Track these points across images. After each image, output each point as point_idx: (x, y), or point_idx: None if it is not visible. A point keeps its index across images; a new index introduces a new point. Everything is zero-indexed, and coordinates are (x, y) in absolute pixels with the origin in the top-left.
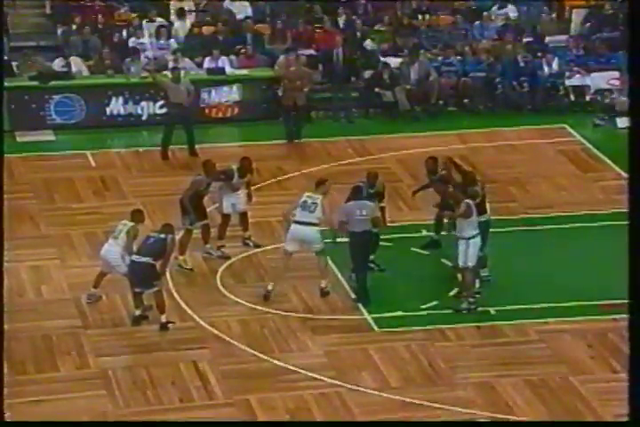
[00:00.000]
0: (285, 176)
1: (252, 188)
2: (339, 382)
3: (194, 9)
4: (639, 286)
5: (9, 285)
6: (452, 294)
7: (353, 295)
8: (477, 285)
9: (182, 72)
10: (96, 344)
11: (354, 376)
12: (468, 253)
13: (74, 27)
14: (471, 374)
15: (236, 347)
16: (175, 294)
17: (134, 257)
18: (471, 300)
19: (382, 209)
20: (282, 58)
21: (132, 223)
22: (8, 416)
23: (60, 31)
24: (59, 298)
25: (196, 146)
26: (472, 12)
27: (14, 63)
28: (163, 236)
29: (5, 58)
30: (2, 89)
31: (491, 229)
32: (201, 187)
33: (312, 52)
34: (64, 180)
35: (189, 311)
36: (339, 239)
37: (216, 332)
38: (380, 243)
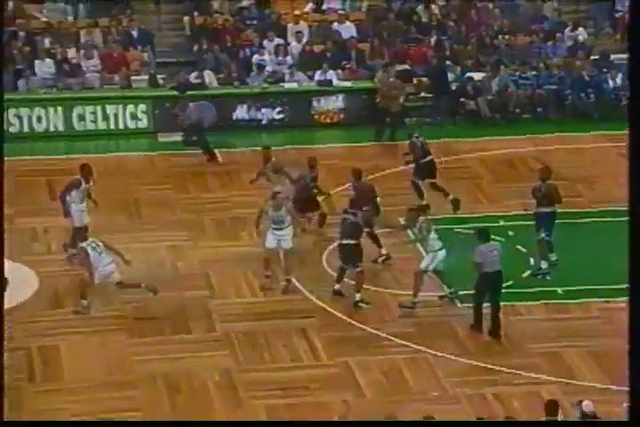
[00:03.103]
0: (381, 173)
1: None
2: (425, 349)
3: (307, 30)
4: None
5: (152, 260)
6: (525, 275)
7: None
8: (545, 265)
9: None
10: (221, 312)
11: (438, 343)
12: (435, 260)
13: (207, 45)
14: (540, 344)
15: (338, 317)
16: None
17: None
18: (414, 300)
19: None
20: (380, 72)
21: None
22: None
23: (195, 49)
24: (191, 273)
25: (308, 147)
26: (546, 34)
27: (159, 76)
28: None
29: (152, 72)
30: (1, 92)
31: (558, 221)
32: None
33: (407, 66)
34: (197, 173)
35: (300, 286)
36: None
37: (322, 304)
38: (463, 231)
